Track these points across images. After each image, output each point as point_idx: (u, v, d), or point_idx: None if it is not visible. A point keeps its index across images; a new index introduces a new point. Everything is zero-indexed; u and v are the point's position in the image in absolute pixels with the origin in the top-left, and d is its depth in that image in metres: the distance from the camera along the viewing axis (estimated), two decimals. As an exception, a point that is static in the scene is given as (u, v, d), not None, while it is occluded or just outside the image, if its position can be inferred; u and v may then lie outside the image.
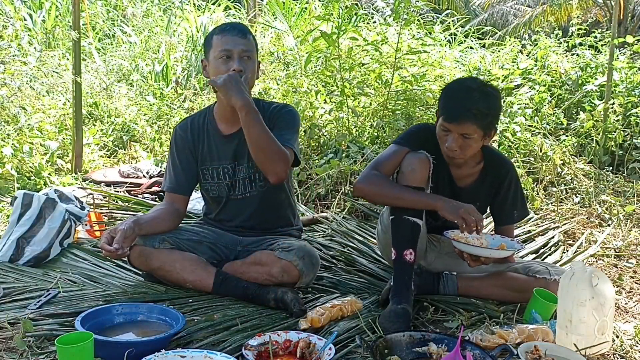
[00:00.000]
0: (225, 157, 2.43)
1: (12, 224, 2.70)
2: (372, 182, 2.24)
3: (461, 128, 2.15)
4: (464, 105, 2.14)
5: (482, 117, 2.15)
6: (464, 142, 2.17)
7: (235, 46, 2.27)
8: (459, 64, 6.87)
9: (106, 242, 2.15)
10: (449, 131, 2.18)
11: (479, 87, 2.21)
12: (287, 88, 5.49)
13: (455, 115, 2.15)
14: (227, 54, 2.27)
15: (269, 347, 1.79)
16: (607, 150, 4.84)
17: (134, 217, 2.29)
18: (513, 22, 15.15)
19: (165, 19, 8.06)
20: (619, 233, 3.37)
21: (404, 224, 2.19)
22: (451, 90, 2.27)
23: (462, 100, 2.16)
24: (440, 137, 2.23)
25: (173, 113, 5.57)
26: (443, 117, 2.19)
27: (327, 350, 1.79)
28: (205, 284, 2.30)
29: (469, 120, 2.14)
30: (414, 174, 2.20)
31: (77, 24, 4.19)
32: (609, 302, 1.94)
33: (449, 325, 2.14)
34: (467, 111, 2.13)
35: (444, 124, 2.18)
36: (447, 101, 2.23)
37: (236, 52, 2.27)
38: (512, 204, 2.41)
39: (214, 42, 2.31)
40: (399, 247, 2.18)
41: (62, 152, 4.52)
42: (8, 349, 1.83)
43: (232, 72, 2.25)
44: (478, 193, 2.37)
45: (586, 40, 6.44)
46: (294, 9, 7.49)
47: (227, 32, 2.30)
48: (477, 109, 2.13)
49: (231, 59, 2.27)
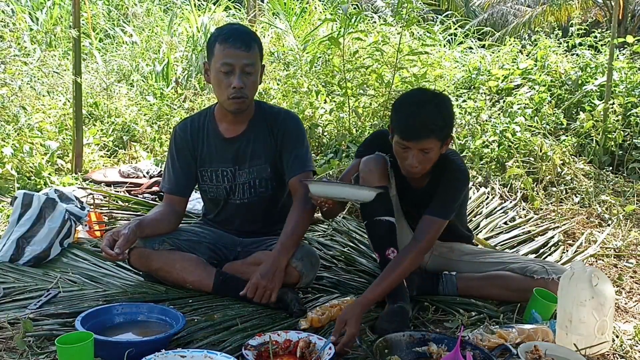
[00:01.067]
0: (226, 160, 2.42)
1: (12, 224, 2.70)
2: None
3: (420, 144, 2.09)
4: (420, 121, 2.07)
5: (439, 130, 2.09)
6: (424, 157, 2.12)
7: (237, 61, 2.22)
8: (459, 64, 6.88)
9: (108, 244, 2.14)
10: (407, 148, 2.11)
11: (431, 99, 2.15)
12: (287, 88, 5.50)
13: (413, 133, 2.08)
14: (228, 68, 2.23)
15: (269, 347, 1.80)
16: (607, 150, 4.83)
17: (137, 221, 2.28)
18: (513, 22, 15.14)
19: (165, 18, 8.06)
20: (619, 233, 3.37)
21: (377, 225, 2.21)
22: (404, 106, 2.17)
23: (417, 116, 2.08)
24: (399, 154, 2.16)
25: (173, 113, 5.57)
26: (400, 135, 2.11)
27: (327, 350, 1.79)
28: (205, 284, 2.30)
29: (427, 136, 2.08)
30: (372, 174, 2.21)
31: (77, 23, 4.19)
32: (609, 302, 1.94)
33: (449, 325, 2.14)
34: (424, 127, 2.07)
35: (402, 142, 2.11)
36: (401, 118, 2.13)
37: (238, 66, 2.23)
38: (440, 197, 2.22)
39: (216, 51, 2.25)
40: (380, 248, 2.20)
41: (62, 152, 4.51)
42: (8, 349, 1.83)
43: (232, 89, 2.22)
44: (431, 192, 2.27)
45: (586, 40, 6.43)
46: (295, 9, 7.49)
47: (230, 44, 2.23)
48: (433, 123, 2.07)
49: (232, 73, 2.23)
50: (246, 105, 2.32)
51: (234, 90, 2.24)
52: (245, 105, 2.32)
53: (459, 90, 6.02)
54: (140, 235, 2.25)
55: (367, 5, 11.86)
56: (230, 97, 2.25)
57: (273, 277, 2.19)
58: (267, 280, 2.18)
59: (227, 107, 2.31)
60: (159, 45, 7.18)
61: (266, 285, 2.18)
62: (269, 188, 2.44)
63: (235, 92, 2.24)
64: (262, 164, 2.41)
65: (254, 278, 2.19)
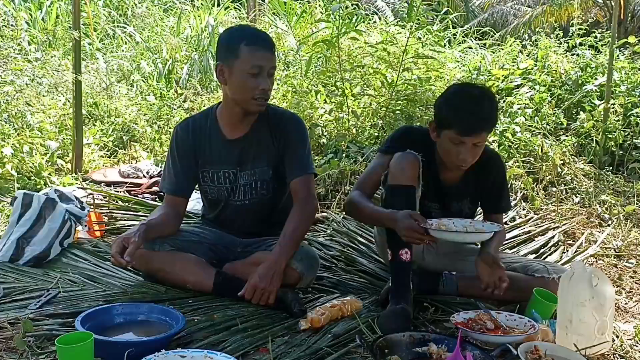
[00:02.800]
0: (228, 161, 2.41)
1: (12, 224, 2.69)
2: (350, 204, 2.32)
3: (475, 139, 2.13)
4: (479, 116, 2.11)
5: (493, 124, 2.20)
6: (476, 150, 2.17)
7: (267, 63, 2.24)
8: (459, 64, 6.87)
9: (118, 251, 2.12)
10: (462, 143, 2.14)
11: (484, 94, 2.19)
12: (287, 88, 5.50)
13: (473, 128, 2.11)
14: (258, 70, 2.23)
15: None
16: (607, 150, 4.84)
17: (144, 226, 2.26)
18: (513, 22, 15.14)
19: (165, 18, 8.06)
20: (619, 233, 3.37)
21: None
22: (459, 102, 2.17)
23: (475, 112, 2.11)
24: (449, 149, 2.18)
25: (173, 113, 5.57)
26: (457, 130, 2.12)
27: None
28: (205, 284, 2.29)
29: (485, 130, 2.15)
30: (403, 173, 2.18)
31: (77, 24, 4.19)
32: (609, 302, 1.94)
33: (449, 325, 2.13)
34: (483, 122, 2.13)
35: (458, 137, 2.12)
36: (457, 114, 2.13)
37: (267, 69, 2.24)
38: (499, 194, 2.42)
39: (242, 53, 2.22)
40: (394, 247, 2.19)
41: (62, 152, 4.51)
42: (8, 349, 1.83)
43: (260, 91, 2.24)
44: (465, 189, 2.37)
45: (586, 41, 6.43)
46: (295, 10, 7.49)
47: (259, 46, 2.23)
48: (491, 117, 2.15)
49: (261, 75, 2.24)
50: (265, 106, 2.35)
51: (261, 92, 2.25)
52: (265, 107, 2.34)
53: (459, 90, 6.00)
54: (146, 239, 2.25)
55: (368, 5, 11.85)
56: (256, 97, 2.26)
57: (271, 279, 2.18)
58: (266, 282, 2.18)
59: (250, 108, 2.30)
60: (159, 46, 7.18)
61: (264, 287, 2.17)
62: (270, 190, 2.44)
63: (263, 94, 2.26)
64: (264, 166, 2.41)
65: (252, 280, 2.19)
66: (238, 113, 2.35)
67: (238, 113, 2.35)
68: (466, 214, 2.43)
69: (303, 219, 2.31)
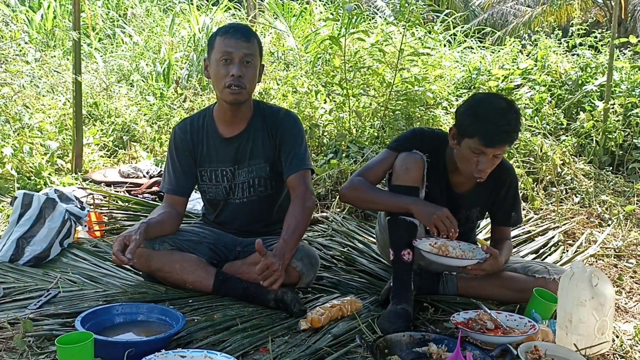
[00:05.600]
0: (225, 159, 2.42)
1: (12, 224, 2.70)
2: (354, 188, 2.29)
3: (497, 150, 2.12)
4: (504, 129, 2.09)
5: (516, 137, 2.19)
6: (494, 161, 2.16)
7: (237, 50, 2.25)
8: (459, 64, 6.87)
9: (119, 249, 2.11)
10: (482, 153, 2.12)
11: (510, 106, 2.16)
12: (287, 88, 5.50)
13: (497, 140, 2.10)
14: (227, 57, 2.24)
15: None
16: (607, 150, 4.84)
17: (144, 224, 2.25)
18: (513, 22, 15.15)
19: (165, 18, 8.06)
20: (619, 233, 3.37)
21: (400, 224, 2.19)
22: (485, 112, 2.13)
23: (500, 124, 2.09)
24: (467, 158, 2.16)
25: (173, 113, 5.57)
26: (480, 141, 2.09)
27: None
28: (205, 284, 2.29)
29: (507, 143, 2.14)
30: (408, 173, 2.18)
31: (77, 24, 4.19)
32: (609, 302, 1.94)
33: (449, 325, 2.13)
34: (508, 135, 2.11)
35: (480, 147, 2.10)
36: (483, 124, 2.09)
37: (237, 56, 2.24)
38: (511, 205, 2.40)
39: (216, 43, 2.28)
40: (396, 247, 2.18)
41: (62, 152, 4.52)
42: (8, 349, 1.83)
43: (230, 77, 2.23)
44: (477, 198, 2.37)
45: (586, 41, 6.43)
46: (294, 10, 7.49)
47: (230, 34, 2.27)
48: (515, 130, 2.13)
49: (232, 62, 2.25)
50: (244, 97, 2.31)
51: (232, 79, 2.24)
52: (242, 97, 2.30)
53: (459, 91, 6.02)
54: (147, 238, 2.25)
55: (368, 5, 11.86)
56: (227, 85, 2.25)
57: (282, 262, 2.15)
58: (279, 261, 2.13)
59: (225, 97, 2.30)
60: (159, 46, 7.19)
61: (277, 267, 2.12)
62: (268, 187, 2.44)
63: (233, 80, 2.24)
64: (261, 163, 2.41)
65: (267, 259, 2.13)
66: (227, 109, 2.35)
67: (227, 109, 2.35)
68: (472, 222, 2.46)
69: (303, 214, 2.30)
